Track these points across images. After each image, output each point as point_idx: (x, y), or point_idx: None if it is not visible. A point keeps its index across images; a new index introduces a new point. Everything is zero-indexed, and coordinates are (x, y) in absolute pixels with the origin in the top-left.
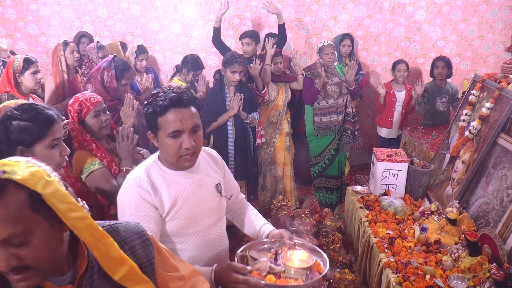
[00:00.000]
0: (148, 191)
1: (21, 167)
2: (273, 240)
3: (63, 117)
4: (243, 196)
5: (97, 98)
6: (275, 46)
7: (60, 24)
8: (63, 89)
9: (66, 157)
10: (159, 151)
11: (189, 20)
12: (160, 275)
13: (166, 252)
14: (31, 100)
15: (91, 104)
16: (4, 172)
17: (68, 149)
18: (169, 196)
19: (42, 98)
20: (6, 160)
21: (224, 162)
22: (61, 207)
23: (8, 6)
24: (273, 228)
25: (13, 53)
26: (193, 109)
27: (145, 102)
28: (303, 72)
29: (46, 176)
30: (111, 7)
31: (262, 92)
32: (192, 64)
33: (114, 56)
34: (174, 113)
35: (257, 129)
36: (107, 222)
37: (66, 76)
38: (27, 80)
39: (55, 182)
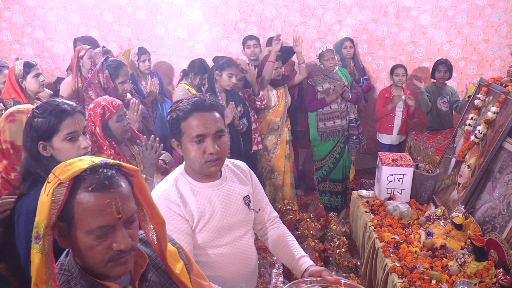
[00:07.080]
0: (177, 203)
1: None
2: (318, 279)
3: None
4: (276, 214)
5: (118, 102)
6: (281, 40)
7: (67, 29)
8: (77, 95)
9: (87, 149)
10: (184, 162)
11: (195, 24)
12: (193, 280)
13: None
14: (35, 105)
15: (114, 108)
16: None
17: (88, 142)
18: (197, 208)
19: None
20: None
21: (253, 174)
22: (149, 197)
23: (15, 12)
24: (312, 263)
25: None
26: (217, 114)
27: (169, 110)
28: (304, 61)
29: None
30: (117, 12)
31: (259, 96)
32: (199, 68)
33: (106, 57)
34: (197, 117)
35: (253, 136)
36: None
37: (80, 83)
38: (30, 84)
39: None
